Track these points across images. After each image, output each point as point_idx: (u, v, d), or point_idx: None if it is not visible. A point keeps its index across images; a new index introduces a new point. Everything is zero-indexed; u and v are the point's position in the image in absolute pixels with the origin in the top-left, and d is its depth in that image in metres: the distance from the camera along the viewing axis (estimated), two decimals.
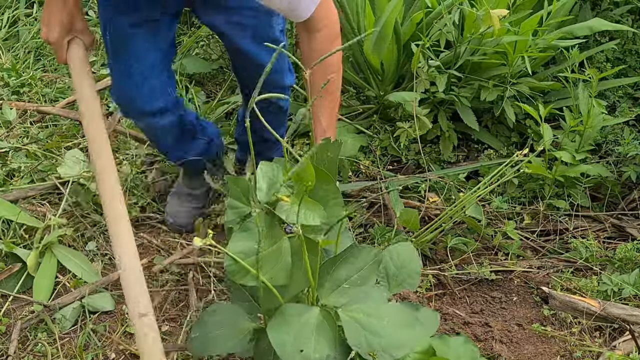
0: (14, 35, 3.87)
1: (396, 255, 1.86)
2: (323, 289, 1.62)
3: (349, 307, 1.57)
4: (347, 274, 1.64)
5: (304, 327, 1.52)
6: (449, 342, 1.69)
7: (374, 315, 1.56)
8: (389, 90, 3.03)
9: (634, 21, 3.30)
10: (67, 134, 3.00)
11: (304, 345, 1.48)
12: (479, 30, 2.71)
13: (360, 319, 1.54)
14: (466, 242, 2.52)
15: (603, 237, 2.65)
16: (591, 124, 2.67)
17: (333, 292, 1.62)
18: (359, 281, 1.64)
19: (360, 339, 1.51)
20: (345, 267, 1.65)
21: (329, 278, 1.63)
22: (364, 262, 1.66)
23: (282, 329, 1.51)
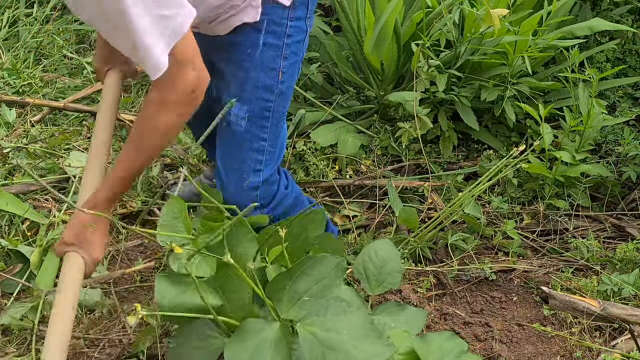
0: (14, 35, 3.87)
1: (374, 254, 1.82)
2: (282, 303, 1.57)
3: (307, 320, 1.51)
4: (306, 286, 1.58)
5: (261, 344, 1.49)
6: (430, 340, 1.64)
7: (332, 329, 1.49)
8: (389, 90, 3.03)
9: (634, 21, 3.30)
10: (69, 134, 3.01)
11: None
12: (479, 30, 2.71)
13: (317, 333, 1.48)
14: (466, 238, 2.52)
15: (603, 237, 2.65)
16: (591, 124, 2.67)
17: (293, 306, 1.56)
18: (319, 293, 1.58)
19: (316, 355, 1.45)
20: (303, 279, 1.59)
21: (287, 291, 1.57)
22: (324, 273, 1.60)
23: (239, 346, 1.48)
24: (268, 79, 1.91)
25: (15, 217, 2.46)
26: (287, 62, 1.93)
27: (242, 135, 1.93)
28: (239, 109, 1.92)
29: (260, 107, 1.92)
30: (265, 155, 1.97)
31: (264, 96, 1.92)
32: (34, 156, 2.83)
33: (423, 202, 2.75)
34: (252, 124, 1.93)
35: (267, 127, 1.95)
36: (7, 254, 2.36)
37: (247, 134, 1.93)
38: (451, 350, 1.62)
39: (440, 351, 1.60)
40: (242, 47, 1.89)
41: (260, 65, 1.89)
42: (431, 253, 2.52)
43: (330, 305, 1.53)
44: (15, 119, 3.10)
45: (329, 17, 3.52)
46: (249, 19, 1.84)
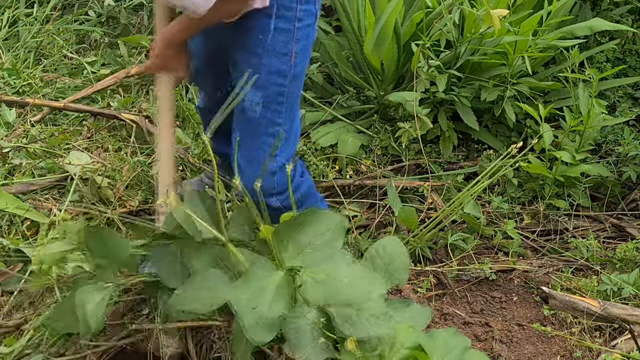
0: (14, 35, 3.87)
1: (382, 251, 1.84)
2: (287, 252, 1.63)
3: (310, 268, 1.60)
4: (310, 238, 1.65)
5: (262, 288, 1.56)
6: (436, 336, 1.67)
7: (334, 276, 1.58)
8: (389, 90, 3.03)
9: (634, 21, 3.30)
10: (69, 134, 3.01)
11: (259, 303, 1.53)
12: (479, 30, 2.72)
13: (320, 278, 1.57)
14: (466, 238, 2.52)
15: (603, 237, 2.65)
16: (591, 124, 2.67)
17: (297, 256, 1.63)
18: (323, 246, 1.64)
19: (317, 296, 1.54)
20: (307, 232, 1.65)
21: (291, 242, 1.64)
22: (327, 227, 1.66)
23: (242, 290, 1.56)
24: (281, 64, 1.93)
25: (15, 217, 2.46)
26: (299, 46, 1.95)
27: (258, 121, 1.95)
28: (254, 95, 1.93)
29: (274, 92, 1.94)
30: (280, 140, 1.99)
31: (277, 81, 1.94)
32: (34, 156, 2.83)
33: (423, 202, 2.76)
34: (267, 109, 1.95)
35: (282, 112, 1.96)
36: (7, 254, 2.36)
37: (262, 119, 1.95)
38: (456, 346, 1.64)
39: (446, 347, 1.63)
40: (253, 33, 1.91)
41: (272, 50, 1.91)
42: (431, 253, 2.52)
43: (333, 256, 1.62)
44: (15, 119, 3.10)
45: (329, 17, 3.52)
46: (259, 4, 1.87)
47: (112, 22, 3.99)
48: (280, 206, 2.04)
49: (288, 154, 2.03)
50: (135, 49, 3.74)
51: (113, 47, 3.82)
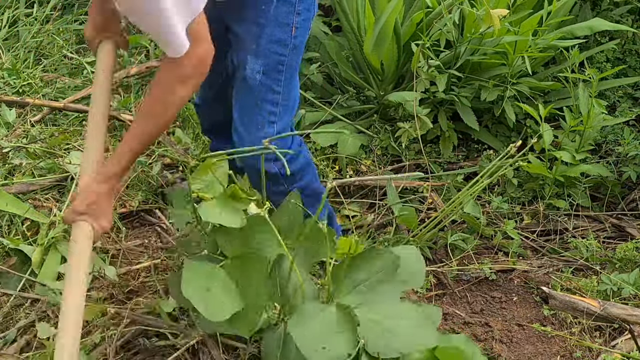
0: (14, 35, 3.86)
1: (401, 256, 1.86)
2: (340, 289, 1.64)
3: (364, 307, 1.59)
4: (364, 276, 1.66)
5: (324, 326, 1.55)
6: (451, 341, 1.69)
7: (391, 316, 1.58)
8: (389, 90, 3.03)
9: (634, 21, 3.30)
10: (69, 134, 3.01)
11: (326, 342, 1.51)
12: (479, 30, 2.72)
13: (378, 320, 1.57)
14: (465, 238, 2.52)
15: (603, 237, 2.65)
16: (591, 124, 2.67)
17: (350, 293, 1.63)
18: (375, 284, 1.65)
19: (379, 341, 1.53)
20: (363, 269, 1.66)
21: (346, 278, 1.65)
22: (382, 266, 1.67)
23: (303, 328, 1.54)
24: (282, 34, 1.98)
25: (15, 217, 2.46)
26: (300, 18, 2.00)
27: (258, 88, 2.01)
28: (254, 63, 1.99)
29: (275, 61, 1.99)
30: (279, 108, 2.04)
31: (278, 50, 1.99)
32: (34, 156, 2.83)
33: (423, 202, 2.75)
34: (267, 77, 2.00)
35: (281, 80, 2.02)
36: (7, 254, 2.36)
37: (262, 86, 2.01)
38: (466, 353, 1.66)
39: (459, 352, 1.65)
40: (256, 4, 1.95)
41: (275, 20, 1.95)
42: (431, 253, 2.52)
43: (386, 295, 1.63)
44: (15, 119, 3.10)
45: (329, 17, 3.52)
46: None
47: None
48: (277, 172, 2.08)
49: (285, 122, 2.08)
50: (136, 49, 3.74)
51: None
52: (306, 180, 2.19)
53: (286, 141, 2.10)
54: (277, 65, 2.00)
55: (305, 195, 2.10)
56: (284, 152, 1.98)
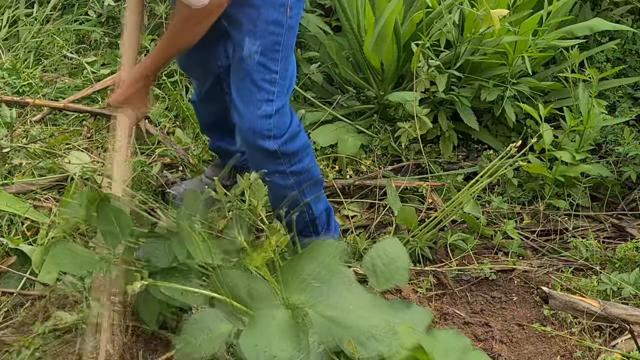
0: (14, 35, 3.87)
1: (383, 252, 1.85)
2: (290, 288, 1.63)
3: (315, 303, 1.60)
4: (312, 270, 1.65)
5: (271, 329, 1.55)
6: (437, 337, 1.67)
7: (340, 306, 1.58)
8: (389, 90, 3.03)
9: (634, 21, 3.30)
10: (69, 134, 3.01)
11: (269, 346, 1.52)
12: (479, 30, 2.72)
13: (327, 314, 1.57)
14: (465, 238, 2.52)
15: (603, 237, 2.65)
16: (591, 124, 2.67)
17: (300, 291, 1.63)
18: (327, 276, 1.65)
19: (325, 333, 1.54)
20: (309, 264, 1.65)
21: (294, 277, 1.64)
22: (329, 256, 1.67)
23: (252, 336, 1.54)
24: (278, 14, 2.04)
25: (15, 217, 2.46)
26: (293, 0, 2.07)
27: (255, 68, 2.07)
28: (252, 44, 2.06)
29: (271, 41, 2.06)
30: (276, 87, 2.10)
31: (274, 30, 2.05)
32: (34, 156, 2.83)
33: (423, 202, 2.76)
34: (264, 57, 2.06)
35: (278, 60, 2.08)
36: (7, 254, 2.36)
37: (259, 66, 2.07)
38: (457, 347, 1.64)
39: (446, 347, 1.63)
40: None
41: (270, 2, 2.02)
42: (431, 253, 2.52)
43: (333, 284, 1.62)
44: (15, 119, 3.10)
45: (329, 17, 3.52)
46: None
47: (112, 22, 3.99)
48: (276, 150, 2.13)
49: (283, 101, 2.13)
50: None
51: (113, 47, 3.82)
52: (305, 162, 2.23)
53: (285, 120, 2.15)
54: (273, 45, 2.07)
55: (303, 179, 2.22)
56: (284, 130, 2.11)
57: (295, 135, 2.18)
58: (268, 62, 2.07)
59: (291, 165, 2.18)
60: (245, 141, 2.15)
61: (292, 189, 2.21)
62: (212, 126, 2.57)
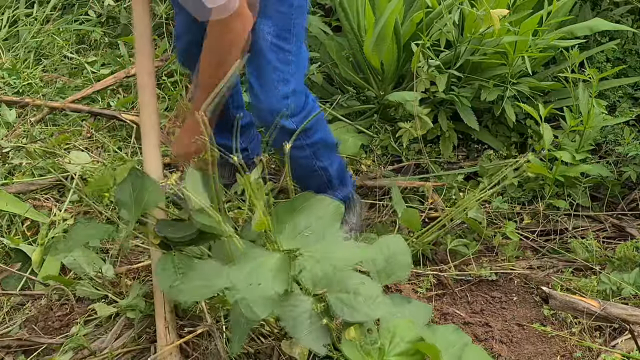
0: (14, 35, 3.87)
1: (385, 248, 1.86)
2: (283, 235, 1.66)
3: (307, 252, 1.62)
4: (306, 221, 1.68)
5: (261, 267, 1.57)
6: (437, 331, 1.69)
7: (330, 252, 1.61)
8: (389, 90, 3.03)
9: (634, 21, 3.29)
10: (69, 134, 3.01)
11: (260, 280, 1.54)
12: (479, 30, 2.71)
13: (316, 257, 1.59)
14: (466, 243, 2.52)
15: (603, 237, 2.65)
16: (591, 124, 2.67)
17: (293, 239, 1.66)
18: (320, 229, 1.68)
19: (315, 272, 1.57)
20: (304, 215, 1.69)
21: (287, 224, 1.67)
22: (324, 211, 1.70)
23: (237, 271, 1.56)
24: None
25: (15, 217, 2.46)
26: None
27: (270, 48, 2.12)
28: (264, 25, 2.10)
29: (283, 21, 2.11)
30: (291, 66, 2.16)
31: (284, 10, 2.10)
32: (34, 156, 2.84)
33: (423, 202, 2.76)
34: (277, 37, 2.11)
35: (290, 39, 2.13)
36: (7, 254, 2.36)
37: (273, 46, 2.12)
38: (456, 342, 1.64)
39: (446, 341, 1.63)
40: None
41: None
42: (431, 253, 2.52)
43: (325, 238, 1.66)
44: (15, 119, 3.10)
45: (329, 17, 3.52)
46: None
47: (112, 22, 3.99)
48: (295, 128, 2.17)
49: (298, 79, 2.19)
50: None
51: (113, 47, 3.82)
52: (320, 133, 2.32)
53: (301, 99, 2.21)
54: (285, 25, 2.11)
55: (318, 148, 2.31)
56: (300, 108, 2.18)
57: (312, 109, 2.25)
58: (281, 42, 2.11)
59: (307, 138, 2.26)
60: (263, 121, 2.21)
61: (308, 159, 2.30)
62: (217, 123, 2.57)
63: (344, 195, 2.49)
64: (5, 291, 2.25)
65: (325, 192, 2.36)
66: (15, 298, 2.24)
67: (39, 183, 2.66)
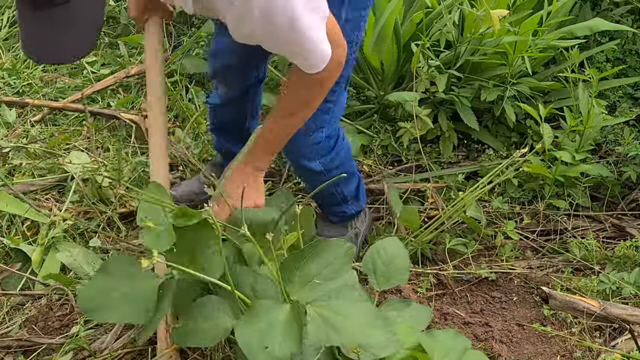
0: (14, 35, 3.87)
1: (383, 251, 1.85)
2: (292, 284, 1.60)
3: (317, 303, 1.56)
4: (317, 268, 1.62)
5: (271, 325, 1.51)
6: (437, 337, 1.67)
7: (341, 313, 1.54)
8: (389, 90, 3.03)
9: (634, 21, 3.29)
10: (69, 134, 3.01)
11: (270, 342, 1.47)
12: (479, 30, 2.71)
13: (325, 315, 1.53)
14: (465, 243, 2.52)
15: (603, 237, 2.65)
16: (591, 123, 2.67)
17: (303, 288, 1.60)
18: (331, 275, 1.62)
19: (321, 335, 1.50)
20: (314, 262, 1.63)
21: (297, 273, 1.61)
22: (334, 256, 1.64)
23: (250, 327, 1.51)
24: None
25: (15, 217, 2.46)
26: (360, 33, 2.05)
27: None
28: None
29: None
30: (329, 115, 2.10)
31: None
32: (33, 156, 2.84)
33: (423, 202, 2.76)
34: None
35: (335, 90, 2.01)
36: (7, 254, 2.36)
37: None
38: (456, 347, 1.63)
39: (446, 347, 1.62)
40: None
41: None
42: (431, 253, 2.52)
43: (341, 291, 1.59)
44: (15, 119, 3.10)
45: None
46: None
47: (112, 22, 3.99)
48: (322, 169, 2.19)
49: (333, 127, 2.16)
50: (135, 49, 3.74)
51: (113, 47, 3.82)
52: (343, 167, 2.28)
53: (332, 141, 2.18)
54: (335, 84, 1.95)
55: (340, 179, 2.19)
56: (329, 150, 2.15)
57: (339, 151, 2.22)
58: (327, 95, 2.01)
59: (332, 174, 2.20)
60: (290, 160, 2.20)
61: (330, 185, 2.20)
62: (225, 129, 2.56)
63: (357, 209, 2.49)
64: (5, 291, 2.25)
65: (338, 206, 2.40)
66: (15, 298, 2.24)
67: (39, 183, 2.66)
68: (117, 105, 3.24)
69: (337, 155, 2.22)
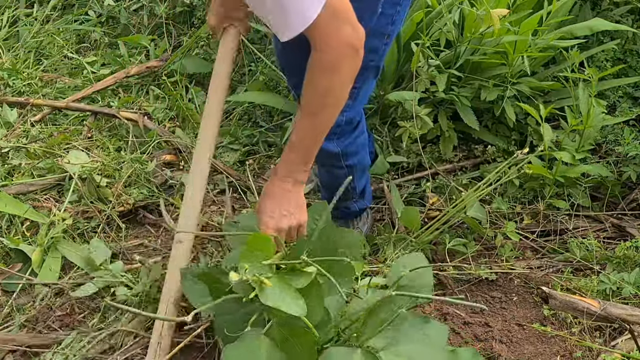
0: (14, 35, 3.87)
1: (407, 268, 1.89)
2: (364, 331, 1.72)
3: (389, 349, 1.67)
4: (385, 316, 1.74)
5: None
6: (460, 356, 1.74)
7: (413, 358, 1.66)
8: (389, 90, 3.03)
9: (634, 21, 3.29)
10: (69, 134, 3.01)
11: None
12: (479, 30, 2.71)
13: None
14: (466, 243, 2.52)
15: (603, 237, 2.65)
16: (591, 123, 2.66)
17: (375, 335, 1.70)
18: (398, 321, 1.72)
19: None
20: (383, 310, 1.75)
21: (369, 320, 1.73)
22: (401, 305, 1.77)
23: None
24: (377, 42, 2.03)
25: (15, 217, 2.46)
26: (395, 27, 2.07)
27: None
28: None
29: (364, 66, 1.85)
30: (353, 99, 2.08)
31: (371, 57, 1.99)
32: (33, 156, 2.84)
33: (423, 202, 2.75)
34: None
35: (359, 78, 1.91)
36: (7, 254, 2.36)
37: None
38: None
39: None
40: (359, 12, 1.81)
41: (374, 31, 1.95)
42: (431, 253, 2.52)
43: (409, 335, 1.70)
44: (15, 119, 3.10)
45: None
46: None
47: (112, 22, 3.99)
48: (339, 151, 2.19)
49: (355, 110, 2.16)
50: (135, 49, 3.74)
51: (113, 47, 3.82)
52: (360, 156, 2.30)
53: (352, 125, 2.18)
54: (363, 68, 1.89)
55: (356, 169, 2.30)
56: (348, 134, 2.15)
57: (358, 137, 2.23)
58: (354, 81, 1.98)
59: (347, 159, 2.24)
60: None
61: (341, 176, 2.20)
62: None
63: (360, 207, 2.51)
64: (6, 291, 2.26)
65: (344, 201, 2.39)
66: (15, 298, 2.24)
67: (38, 183, 2.66)
68: (117, 105, 3.25)
69: (354, 141, 2.22)
